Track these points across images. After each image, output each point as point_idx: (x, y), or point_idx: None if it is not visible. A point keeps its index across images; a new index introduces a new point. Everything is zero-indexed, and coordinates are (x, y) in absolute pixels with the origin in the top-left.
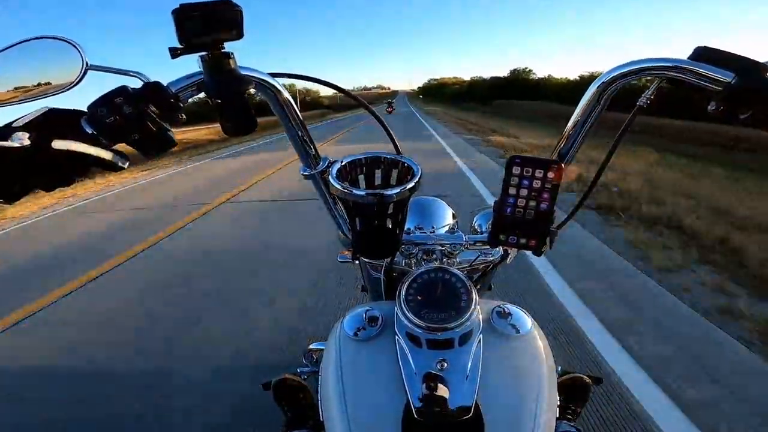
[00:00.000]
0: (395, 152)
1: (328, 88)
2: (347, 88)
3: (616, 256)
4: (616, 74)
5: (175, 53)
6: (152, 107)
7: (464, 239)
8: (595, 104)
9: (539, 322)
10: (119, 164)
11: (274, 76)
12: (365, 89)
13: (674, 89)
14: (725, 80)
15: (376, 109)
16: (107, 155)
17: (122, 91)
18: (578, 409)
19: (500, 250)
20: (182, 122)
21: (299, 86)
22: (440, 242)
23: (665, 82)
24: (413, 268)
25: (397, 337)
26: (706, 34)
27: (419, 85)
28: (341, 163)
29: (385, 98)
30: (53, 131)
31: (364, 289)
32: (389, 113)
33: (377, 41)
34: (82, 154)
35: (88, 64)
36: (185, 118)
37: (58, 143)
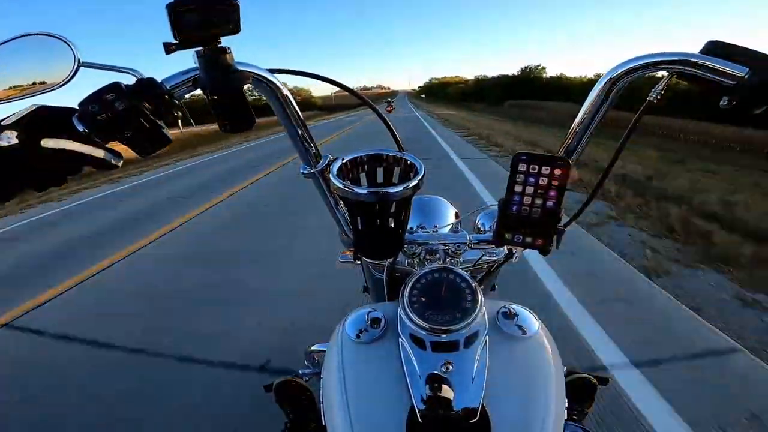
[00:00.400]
0: (397, 149)
1: (329, 85)
2: None
3: None
4: (624, 69)
5: (169, 48)
6: (146, 104)
7: (468, 238)
8: (603, 100)
9: None
10: (112, 162)
11: (272, 72)
12: (364, 89)
13: (685, 84)
14: (738, 75)
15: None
16: (99, 153)
17: (114, 87)
18: (585, 409)
19: (505, 249)
20: (178, 120)
21: (290, 85)
22: (444, 242)
23: (676, 77)
24: (416, 268)
25: (400, 339)
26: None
27: (419, 84)
28: (342, 160)
29: (384, 98)
30: (43, 129)
31: (366, 289)
32: (389, 112)
33: (377, 41)
34: (73, 152)
35: (80, 61)
36: (181, 114)
37: (47, 142)
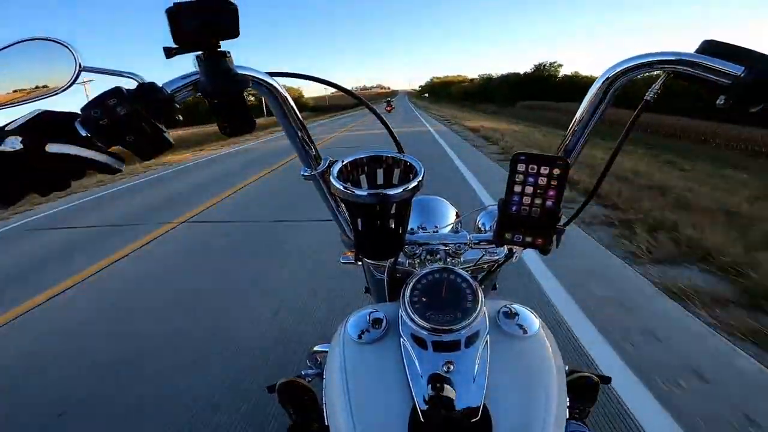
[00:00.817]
0: (397, 151)
1: (323, 85)
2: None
3: None
4: (621, 69)
5: (169, 53)
6: (147, 108)
7: (468, 238)
8: (600, 99)
9: None
10: (115, 166)
11: (272, 75)
12: (364, 89)
13: (682, 84)
14: (734, 74)
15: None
16: (102, 158)
17: (116, 92)
18: (587, 408)
19: (505, 249)
20: (179, 123)
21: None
22: (444, 242)
23: (672, 76)
24: (417, 268)
25: (401, 339)
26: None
27: (420, 83)
28: (342, 162)
29: (384, 98)
30: (46, 134)
31: (367, 290)
32: (388, 112)
33: (377, 41)
34: (76, 156)
35: (81, 65)
36: (182, 118)
37: (51, 146)
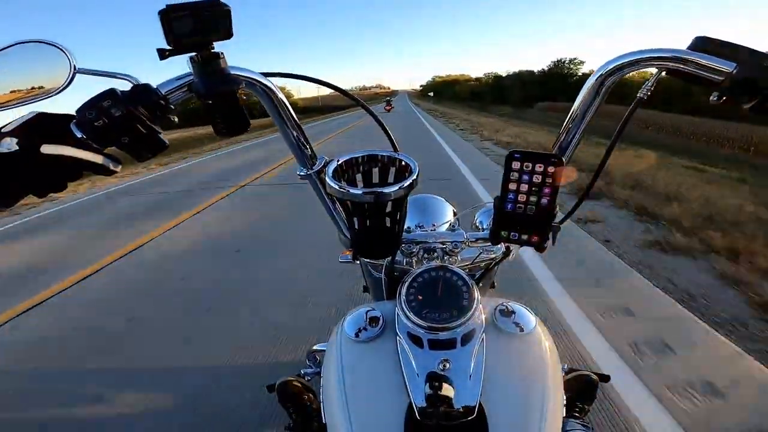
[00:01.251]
0: (392, 150)
1: (315, 86)
2: (345, 88)
3: None
4: (614, 65)
5: (163, 54)
6: (141, 109)
7: (465, 236)
8: (594, 96)
9: None
10: (110, 168)
11: (266, 75)
12: (363, 89)
13: (675, 80)
14: (726, 70)
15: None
16: (98, 159)
17: (111, 94)
18: (586, 406)
19: (502, 247)
20: (174, 124)
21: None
22: (441, 240)
23: (665, 73)
24: (414, 267)
25: (398, 337)
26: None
27: (421, 83)
28: (337, 162)
29: (384, 97)
30: (42, 136)
31: (365, 289)
32: (388, 111)
33: (377, 41)
34: (72, 158)
35: (76, 67)
36: (176, 120)
37: (47, 148)
